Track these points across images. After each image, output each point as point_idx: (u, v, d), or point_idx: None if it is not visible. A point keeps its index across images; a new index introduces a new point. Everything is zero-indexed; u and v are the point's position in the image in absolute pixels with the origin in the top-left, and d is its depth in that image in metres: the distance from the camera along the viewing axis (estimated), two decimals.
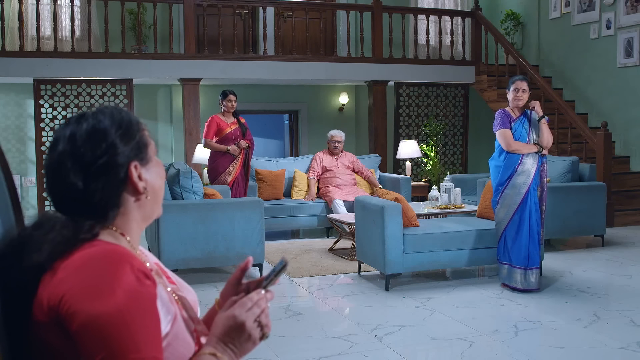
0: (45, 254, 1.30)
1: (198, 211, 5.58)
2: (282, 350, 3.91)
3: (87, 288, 1.23)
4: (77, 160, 1.35)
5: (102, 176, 1.36)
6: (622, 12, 9.45)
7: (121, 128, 1.43)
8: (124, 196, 1.41)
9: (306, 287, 5.57)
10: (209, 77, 9.32)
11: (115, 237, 1.40)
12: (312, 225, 7.97)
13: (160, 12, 9.57)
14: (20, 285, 1.30)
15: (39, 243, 1.32)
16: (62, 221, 1.36)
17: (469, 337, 4.11)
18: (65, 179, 1.35)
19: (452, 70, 10.56)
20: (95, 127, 1.40)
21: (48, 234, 1.34)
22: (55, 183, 1.38)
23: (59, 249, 1.31)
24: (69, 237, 1.33)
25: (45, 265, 1.30)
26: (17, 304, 1.30)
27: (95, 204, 1.36)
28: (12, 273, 1.31)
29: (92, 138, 1.38)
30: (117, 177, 1.38)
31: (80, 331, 1.21)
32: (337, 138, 8.27)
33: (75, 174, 1.35)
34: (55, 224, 1.36)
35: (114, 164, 1.37)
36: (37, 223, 1.38)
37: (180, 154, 10.18)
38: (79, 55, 8.80)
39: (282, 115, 12.56)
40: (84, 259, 1.28)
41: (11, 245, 1.36)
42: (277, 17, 10.43)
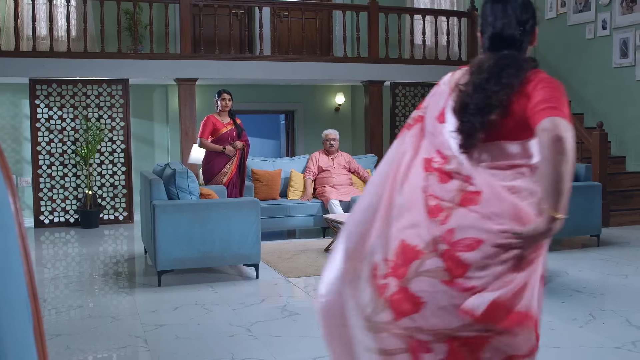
0: (521, 75, 2.08)
1: (194, 211, 5.57)
2: (278, 351, 3.91)
3: (546, 79, 2.08)
4: (518, 18, 2.17)
5: (530, 31, 2.21)
6: (617, 13, 9.47)
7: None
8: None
9: (302, 287, 5.57)
10: (205, 77, 9.32)
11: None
12: (308, 225, 7.97)
13: (156, 12, 9.56)
14: (495, 94, 2.06)
15: (516, 67, 2.10)
16: (519, 57, 2.15)
17: None
18: (514, 28, 2.17)
19: (448, 70, 10.40)
20: (526, 3, 2.21)
21: (520, 63, 2.12)
22: (509, 31, 2.17)
23: (525, 71, 2.10)
24: (529, 65, 2.12)
25: (513, 86, 2.07)
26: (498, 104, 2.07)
27: (524, 49, 2.21)
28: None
29: (526, 8, 2.20)
30: (533, 33, 2.24)
31: (539, 87, 2.04)
32: (332, 136, 8.27)
33: (517, 26, 2.17)
34: (517, 59, 2.13)
35: (535, 24, 2.23)
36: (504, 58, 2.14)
37: (176, 154, 10.17)
38: (75, 55, 8.79)
39: (278, 115, 12.56)
40: (542, 75, 2.10)
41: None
42: (274, 17, 10.43)
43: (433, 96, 2.29)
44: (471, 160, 2.07)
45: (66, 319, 4.70)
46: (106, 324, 4.54)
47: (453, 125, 2.12)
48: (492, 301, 1.94)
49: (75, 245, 7.75)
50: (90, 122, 9.02)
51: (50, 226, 9.00)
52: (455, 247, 1.97)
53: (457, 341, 1.98)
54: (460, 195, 2.03)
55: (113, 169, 9.24)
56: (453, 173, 2.07)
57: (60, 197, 9.04)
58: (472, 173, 2.03)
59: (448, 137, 2.12)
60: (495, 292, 1.94)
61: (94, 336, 4.28)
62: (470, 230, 1.97)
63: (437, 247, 2.00)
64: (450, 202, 2.03)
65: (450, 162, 2.09)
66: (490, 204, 1.98)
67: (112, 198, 9.25)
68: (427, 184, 2.10)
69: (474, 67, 2.19)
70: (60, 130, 9.00)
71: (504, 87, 2.06)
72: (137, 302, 5.09)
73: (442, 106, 2.20)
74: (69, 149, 9.04)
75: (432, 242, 2.01)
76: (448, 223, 2.00)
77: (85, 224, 8.86)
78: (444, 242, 2.00)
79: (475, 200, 2.00)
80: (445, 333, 1.98)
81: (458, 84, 2.18)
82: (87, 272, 6.20)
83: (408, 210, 2.10)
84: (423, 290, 1.99)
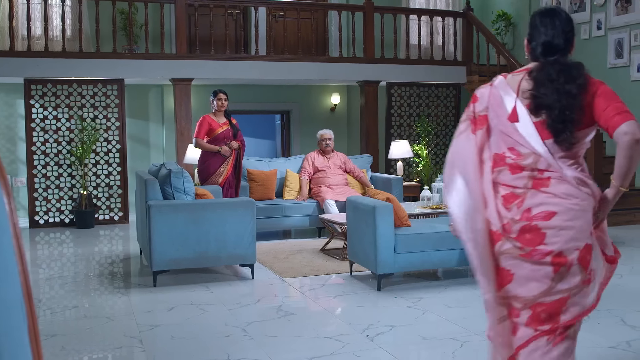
0: (583, 79, 2.45)
1: (190, 211, 5.57)
2: (273, 351, 3.91)
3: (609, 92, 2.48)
4: (564, 29, 2.57)
5: (571, 41, 2.59)
6: (612, 13, 9.49)
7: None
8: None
9: (298, 287, 5.57)
10: (201, 77, 9.31)
11: None
12: (304, 225, 7.97)
13: (152, 12, 9.55)
14: (574, 95, 2.42)
15: (579, 72, 2.48)
16: (578, 63, 2.52)
17: (461, 337, 4.12)
18: (561, 38, 2.57)
19: (443, 70, 10.58)
20: (569, 18, 2.60)
21: (569, 72, 2.48)
22: (557, 40, 2.56)
23: (585, 75, 2.48)
24: (584, 70, 2.49)
25: (585, 85, 2.45)
26: (573, 107, 2.42)
27: (567, 55, 2.57)
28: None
29: (570, 22, 2.59)
30: (573, 42, 2.61)
31: (600, 91, 2.43)
32: (327, 136, 8.28)
33: (562, 36, 2.57)
34: (578, 65, 2.50)
35: (574, 35, 2.61)
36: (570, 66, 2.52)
37: (171, 154, 10.16)
38: (70, 55, 8.78)
39: (273, 115, 12.55)
40: (595, 79, 2.49)
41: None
42: (269, 17, 10.42)
43: (491, 98, 2.60)
44: (551, 153, 2.47)
45: (61, 319, 4.70)
46: (101, 324, 4.53)
47: (527, 123, 2.49)
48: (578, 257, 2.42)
49: (71, 245, 7.73)
50: (85, 122, 9.01)
51: (45, 226, 8.98)
52: (533, 220, 2.42)
53: (540, 307, 2.44)
54: (531, 181, 2.46)
55: (108, 169, 9.23)
56: (527, 167, 2.47)
57: (55, 197, 9.03)
58: (552, 163, 2.45)
59: (525, 135, 2.49)
60: (574, 253, 2.42)
61: (89, 337, 4.27)
62: (544, 206, 2.42)
63: (511, 229, 2.46)
64: (523, 187, 2.47)
65: (527, 158, 2.47)
66: (562, 188, 2.44)
67: (107, 198, 9.24)
68: (497, 176, 2.52)
69: (538, 72, 2.53)
70: (55, 130, 8.99)
71: (580, 88, 2.44)
72: (132, 303, 5.08)
73: (512, 107, 2.53)
74: (64, 149, 9.03)
75: (507, 225, 2.46)
76: (524, 204, 2.45)
77: (80, 224, 8.85)
78: (521, 220, 2.44)
79: (546, 184, 2.45)
80: (529, 300, 2.45)
81: (529, 89, 2.52)
82: (82, 273, 6.19)
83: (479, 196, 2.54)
84: (510, 265, 2.47)
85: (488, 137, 2.58)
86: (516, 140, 2.49)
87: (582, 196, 2.45)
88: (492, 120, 2.58)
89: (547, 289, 2.43)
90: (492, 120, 2.58)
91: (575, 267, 2.41)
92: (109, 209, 9.26)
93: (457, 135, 2.66)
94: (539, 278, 2.43)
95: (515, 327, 2.51)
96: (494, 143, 2.56)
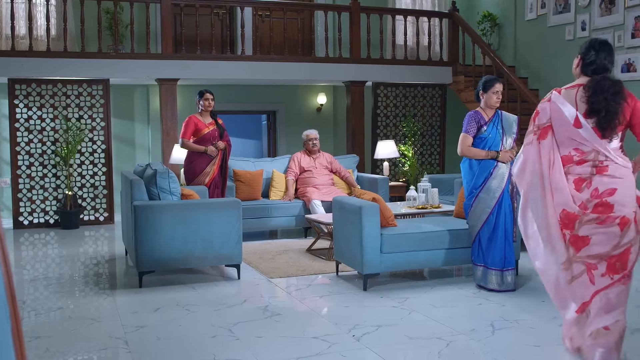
0: (623, 92, 3.41)
1: (175, 212, 5.55)
2: (259, 351, 3.91)
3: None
4: (610, 55, 3.59)
5: (613, 63, 3.60)
6: (596, 14, 9.56)
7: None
8: None
9: (284, 287, 5.57)
10: (187, 77, 9.28)
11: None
12: (290, 225, 7.97)
13: (137, 12, 9.51)
14: (618, 104, 3.39)
15: (621, 88, 3.45)
16: (619, 80, 3.49)
17: (446, 337, 4.13)
18: (608, 61, 3.57)
19: (429, 70, 10.62)
20: (612, 48, 3.63)
21: (616, 87, 3.43)
22: (607, 63, 3.58)
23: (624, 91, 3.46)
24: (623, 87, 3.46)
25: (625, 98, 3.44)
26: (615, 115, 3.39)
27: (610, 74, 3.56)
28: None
29: (613, 51, 3.60)
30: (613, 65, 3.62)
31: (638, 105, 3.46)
32: (313, 135, 8.28)
33: (608, 59, 3.58)
34: (619, 82, 3.47)
35: (613, 60, 3.63)
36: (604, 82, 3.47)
37: (157, 154, 10.12)
38: (55, 55, 8.73)
39: (260, 115, 12.54)
40: (629, 93, 3.49)
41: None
42: (255, 17, 10.41)
43: (552, 112, 3.54)
44: (602, 145, 3.43)
45: (46, 321, 4.67)
46: (86, 325, 4.51)
47: (587, 128, 3.43)
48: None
49: (55, 246, 7.69)
50: (70, 122, 8.96)
51: (29, 227, 8.93)
52: (602, 196, 3.38)
53: (613, 258, 3.36)
54: (595, 169, 3.43)
55: (93, 170, 9.18)
56: (590, 160, 3.43)
57: (40, 197, 8.97)
58: (608, 153, 3.41)
59: (587, 137, 3.42)
60: (631, 215, 3.37)
61: (74, 338, 4.25)
62: (608, 185, 3.39)
63: (587, 206, 3.40)
64: (589, 174, 3.43)
65: (589, 154, 3.44)
66: (617, 171, 3.41)
67: (92, 199, 9.19)
68: (568, 169, 3.48)
69: (594, 86, 3.47)
70: (40, 130, 8.93)
71: (623, 99, 3.44)
72: (117, 304, 5.06)
73: (573, 116, 3.46)
74: (49, 149, 8.97)
75: (582, 205, 3.41)
76: (592, 186, 3.41)
77: (65, 225, 8.80)
78: (592, 199, 3.39)
79: (606, 169, 3.42)
80: (604, 254, 3.36)
81: (585, 97, 3.48)
82: (67, 274, 6.15)
83: (558, 190, 3.47)
84: (589, 232, 3.38)
85: (555, 143, 3.51)
86: (580, 142, 3.45)
87: (629, 174, 3.45)
88: (557, 129, 3.51)
89: (616, 244, 3.35)
90: (557, 128, 3.51)
91: (632, 224, 3.36)
92: (94, 210, 9.21)
93: (525, 145, 3.62)
94: (610, 237, 3.35)
95: (592, 278, 3.39)
96: (561, 147, 3.52)
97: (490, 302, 4.95)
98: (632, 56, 9.06)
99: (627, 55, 9.12)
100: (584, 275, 3.41)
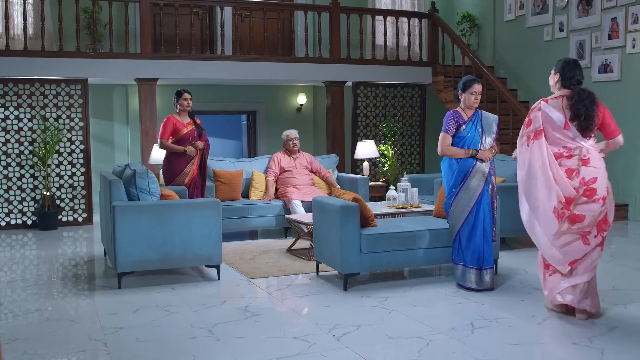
0: (596, 101, 4.41)
1: (155, 212, 5.52)
2: (240, 352, 3.90)
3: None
4: (582, 70, 4.60)
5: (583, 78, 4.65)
6: (574, 16, 9.65)
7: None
8: None
9: (264, 287, 5.56)
10: (166, 77, 9.24)
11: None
12: (270, 225, 7.95)
13: (116, 11, 9.45)
14: (594, 110, 4.39)
15: (593, 99, 4.42)
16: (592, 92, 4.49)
17: (427, 336, 4.15)
18: (581, 77, 4.57)
19: (409, 71, 10.66)
20: (579, 64, 4.63)
21: (591, 97, 4.43)
22: (581, 78, 4.54)
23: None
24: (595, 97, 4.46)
25: (597, 105, 4.45)
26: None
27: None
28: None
29: (580, 67, 4.60)
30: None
31: (606, 113, 4.48)
32: (293, 135, 8.27)
33: (581, 74, 4.57)
34: (592, 93, 4.46)
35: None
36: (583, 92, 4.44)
37: (136, 154, 10.07)
38: (32, 54, 8.65)
39: (240, 115, 12.52)
40: (602, 104, 4.52)
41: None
42: (235, 17, 10.38)
43: (544, 118, 4.43)
44: (584, 142, 4.40)
45: (23, 323, 4.62)
46: (65, 327, 4.47)
47: (573, 129, 4.37)
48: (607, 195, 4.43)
49: (33, 247, 7.62)
50: (48, 122, 8.88)
51: (6, 228, 8.83)
52: (588, 183, 4.34)
53: (599, 223, 4.38)
54: (581, 161, 4.37)
55: (72, 170, 9.11)
56: (576, 155, 4.38)
57: (17, 198, 8.88)
58: (588, 148, 4.38)
59: (574, 137, 4.37)
60: (606, 192, 4.41)
61: (52, 340, 4.21)
62: (591, 174, 4.35)
63: (579, 191, 4.35)
64: (576, 165, 4.37)
65: (574, 151, 4.39)
66: (596, 162, 4.39)
67: (71, 199, 9.12)
68: (560, 163, 4.40)
69: (575, 96, 4.41)
70: (17, 130, 8.84)
71: (597, 106, 4.41)
72: (96, 305, 5.02)
73: (562, 120, 4.39)
74: (26, 149, 8.88)
75: (577, 189, 4.34)
76: (580, 175, 4.35)
77: (43, 226, 8.72)
78: (582, 185, 4.34)
79: (588, 161, 4.37)
80: (593, 223, 4.37)
81: (569, 105, 4.41)
82: (45, 275, 6.10)
83: (560, 179, 4.37)
84: (582, 211, 4.35)
85: (548, 143, 4.42)
86: (567, 141, 4.39)
87: (603, 164, 4.44)
88: (549, 131, 4.41)
89: (599, 213, 4.36)
90: (549, 131, 4.42)
91: (606, 199, 4.39)
92: (72, 210, 9.14)
93: (520, 144, 4.54)
94: (595, 212, 4.36)
95: (587, 241, 4.38)
96: (552, 145, 4.42)
97: (470, 301, 4.98)
98: (608, 57, 9.16)
99: (603, 56, 9.22)
100: (575, 242, 4.39)
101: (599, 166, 4.40)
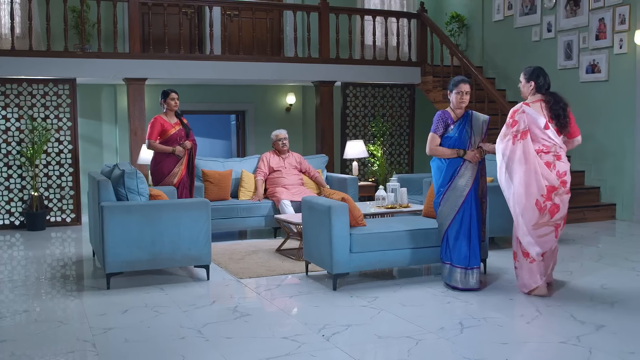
0: (567, 104, 5.14)
1: (143, 212, 5.50)
2: (229, 352, 3.89)
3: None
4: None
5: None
6: (562, 16, 9.70)
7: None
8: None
9: (253, 287, 5.55)
10: (155, 76, 9.21)
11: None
12: (260, 225, 7.95)
13: (104, 10, 9.41)
14: (566, 111, 5.14)
15: (565, 101, 5.14)
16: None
17: (416, 335, 4.16)
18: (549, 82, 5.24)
19: (398, 71, 10.67)
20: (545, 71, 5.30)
21: (564, 99, 5.16)
22: (549, 82, 5.27)
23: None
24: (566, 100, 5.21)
25: (568, 107, 5.19)
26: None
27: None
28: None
29: (547, 74, 5.28)
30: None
31: (571, 115, 5.21)
32: (283, 135, 8.27)
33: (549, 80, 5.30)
34: (562, 97, 5.16)
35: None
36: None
37: (125, 154, 10.03)
38: (20, 54, 8.60)
39: (229, 115, 12.50)
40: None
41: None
42: (224, 17, 10.37)
43: (528, 121, 4.98)
44: (558, 140, 5.03)
45: (11, 324, 4.60)
46: (53, 328, 4.45)
47: (552, 129, 4.97)
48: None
49: (21, 248, 7.57)
50: (36, 122, 8.83)
51: None
52: (562, 176, 4.96)
53: (565, 216, 5.11)
54: (555, 157, 4.99)
55: (60, 170, 9.07)
56: (552, 152, 4.98)
57: (5, 199, 8.83)
58: (561, 145, 5.02)
59: (552, 136, 4.97)
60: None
61: (40, 341, 4.19)
62: (563, 167, 4.99)
63: (557, 182, 4.93)
64: (553, 160, 4.98)
65: (551, 149, 4.99)
66: (565, 158, 5.03)
67: (59, 200, 9.07)
68: (541, 158, 4.96)
69: (552, 99, 5.05)
70: (5, 130, 8.79)
71: (567, 108, 5.06)
72: (85, 306, 5.00)
73: (544, 121, 4.97)
74: (14, 149, 8.83)
75: (555, 181, 4.93)
76: (555, 168, 4.96)
77: (31, 227, 8.68)
78: (558, 177, 4.94)
79: (560, 157, 5.02)
80: (564, 214, 5.05)
81: (547, 109, 5.04)
82: (33, 276, 6.07)
83: (544, 174, 4.93)
84: (559, 201, 4.98)
85: (531, 141, 4.95)
86: (546, 140, 4.98)
87: (566, 159, 5.09)
88: (533, 131, 4.97)
89: (566, 205, 5.03)
90: (533, 131, 4.97)
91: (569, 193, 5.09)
92: (60, 211, 9.10)
93: (505, 142, 4.99)
94: (566, 203, 5.04)
95: (557, 234, 5.06)
96: (534, 142, 4.97)
97: (459, 301, 5.00)
98: (596, 57, 9.21)
99: (591, 57, 9.28)
100: (551, 234, 5.02)
101: (567, 162, 5.08)
